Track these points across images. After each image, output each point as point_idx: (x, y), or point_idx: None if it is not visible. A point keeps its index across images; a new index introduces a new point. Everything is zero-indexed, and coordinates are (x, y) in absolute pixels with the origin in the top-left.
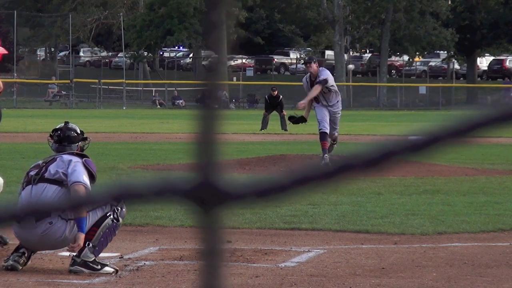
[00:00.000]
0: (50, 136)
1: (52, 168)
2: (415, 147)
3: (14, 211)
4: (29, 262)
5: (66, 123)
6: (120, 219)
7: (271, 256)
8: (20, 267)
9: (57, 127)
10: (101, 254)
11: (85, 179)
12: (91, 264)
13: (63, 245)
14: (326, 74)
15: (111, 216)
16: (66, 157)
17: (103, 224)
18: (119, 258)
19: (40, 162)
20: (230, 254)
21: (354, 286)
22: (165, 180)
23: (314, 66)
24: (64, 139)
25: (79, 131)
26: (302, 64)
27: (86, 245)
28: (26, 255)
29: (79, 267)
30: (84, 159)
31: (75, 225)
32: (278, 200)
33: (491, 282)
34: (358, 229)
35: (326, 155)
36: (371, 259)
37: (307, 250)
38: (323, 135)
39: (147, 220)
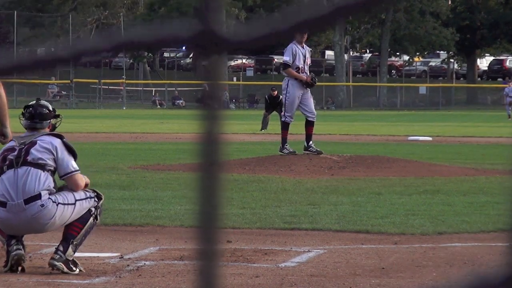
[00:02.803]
0: (22, 113)
1: (34, 152)
2: None
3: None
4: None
5: (38, 99)
6: (99, 218)
7: (271, 256)
8: (24, 253)
9: (28, 104)
10: (102, 254)
11: (74, 164)
12: (70, 265)
13: (49, 229)
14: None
15: (94, 215)
16: (47, 140)
17: (87, 223)
18: (119, 258)
19: (14, 144)
20: (230, 254)
21: (354, 286)
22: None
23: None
24: (35, 116)
25: (51, 109)
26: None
27: (71, 242)
28: (20, 241)
29: (62, 264)
30: (63, 139)
31: (64, 210)
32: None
33: None
34: (358, 229)
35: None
36: (371, 259)
37: (307, 250)
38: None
39: (147, 220)
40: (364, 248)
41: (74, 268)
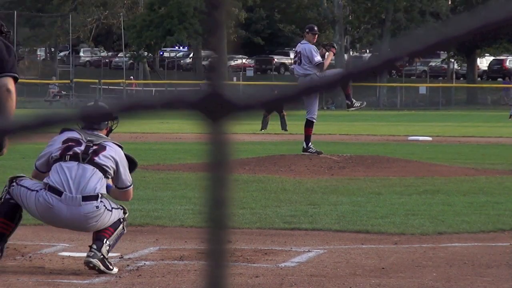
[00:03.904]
0: None
1: (103, 157)
2: None
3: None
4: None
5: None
6: (125, 229)
7: (271, 256)
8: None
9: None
10: None
11: (130, 178)
12: (106, 262)
13: (89, 230)
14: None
15: (124, 223)
16: (113, 148)
17: (118, 228)
18: (119, 258)
19: (80, 137)
20: (230, 254)
21: (354, 286)
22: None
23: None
24: None
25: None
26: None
27: (104, 241)
28: None
29: (98, 261)
30: (123, 149)
31: (107, 215)
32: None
33: (491, 282)
34: (358, 229)
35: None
36: (371, 259)
37: (307, 250)
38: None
39: (147, 220)
40: (364, 248)
41: (111, 267)
